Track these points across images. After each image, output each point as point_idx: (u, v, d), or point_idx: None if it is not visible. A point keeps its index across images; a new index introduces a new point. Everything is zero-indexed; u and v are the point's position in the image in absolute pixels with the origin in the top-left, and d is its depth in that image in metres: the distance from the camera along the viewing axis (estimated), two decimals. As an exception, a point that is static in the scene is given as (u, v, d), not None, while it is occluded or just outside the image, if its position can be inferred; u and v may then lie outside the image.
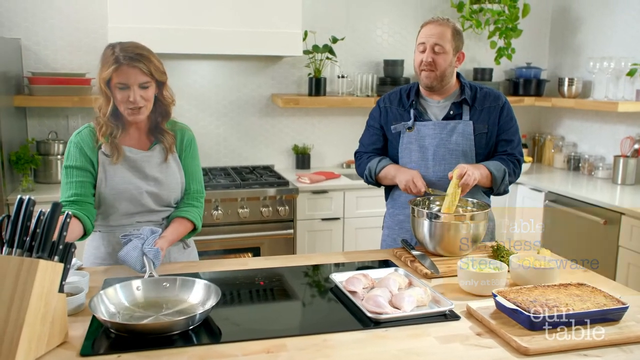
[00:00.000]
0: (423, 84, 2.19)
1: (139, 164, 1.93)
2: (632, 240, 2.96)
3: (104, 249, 1.97)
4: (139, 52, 1.83)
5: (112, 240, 1.95)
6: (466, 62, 4.28)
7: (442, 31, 2.10)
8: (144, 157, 1.94)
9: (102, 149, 1.90)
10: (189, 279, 1.60)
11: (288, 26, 3.45)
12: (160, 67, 1.87)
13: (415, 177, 2.09)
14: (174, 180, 1.98)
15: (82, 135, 1.92)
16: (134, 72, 1.81)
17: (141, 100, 1.83)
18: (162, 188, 1.95)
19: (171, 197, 1.98)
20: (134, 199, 1.91)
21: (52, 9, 3.48)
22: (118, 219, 1.94)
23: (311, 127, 4.09)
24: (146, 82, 1.83)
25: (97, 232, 1.98)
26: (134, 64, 1.80)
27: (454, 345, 1.36)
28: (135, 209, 1.93)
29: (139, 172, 1.93)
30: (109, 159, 1.89)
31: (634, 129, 3.70)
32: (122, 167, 1.91)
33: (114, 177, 1.89)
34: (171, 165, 1.98)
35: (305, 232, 3.50)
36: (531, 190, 3.73)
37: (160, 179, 1.95)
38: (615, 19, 3.82)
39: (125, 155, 1.91)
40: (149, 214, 1.95)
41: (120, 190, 1.89)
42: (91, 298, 1.44)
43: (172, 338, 1.36)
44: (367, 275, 1.71)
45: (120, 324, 1.40)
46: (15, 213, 1.33)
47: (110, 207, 1.91)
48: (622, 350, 1.35)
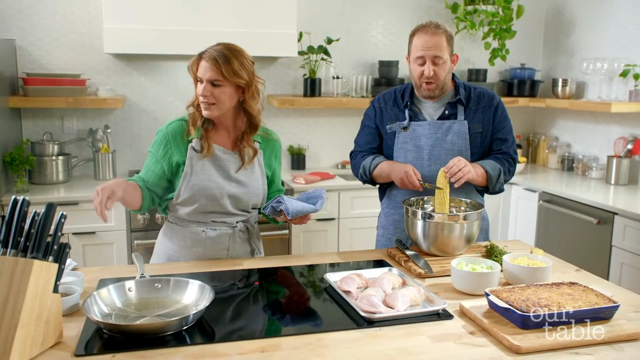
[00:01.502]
0: (423, 95, 2.20)
1: (225, 164, 1.96)
2: (625, 239, 2.98)
3: (177, 242, 2.01)
4: (223, 52, 1.87)
5: (185, 235, 2.00)
6: (461, 63, 4.30)
7: (438, 41, 2.09)
8: (230, 158, 1.98)
9: (193, 143, 1.94)
10: (182, 279, 1.61)
11: (283, 27, 3.46)
12: (241, 73, 1.87)
13: (408, 172, 2.10)
14: (256, 185, 2.01)
15: (171, 127, 1.98)
16: (207, 67, 1.86)
17: (211, 97, 1.87)
18: (243, 191, 1.98)
19: (250, 202, 2.01)
20: (214, 198, 1.95)
21: (47, 9, 3.47)
22: (194, 215, 1.97)
23: (306, 128, 4.10)
24: (216, 80, 1.86)
25: (173, 224, 2.03)
26: (211, 59, 1.85)
27: (447, 344, 1.37)
28: (212, 208, 1.96)
29: (223, 171, 1.96)
30: (197, 154, 1.94)
31: (627, 129, 3.73)
32: (209, 164, 1.95)
33: (199, 173, 1.93)
34: (256, 171, 2.02)
35: (301, 232, 3.50)
36: (525, 190, 3.75)
37: (244, 182, 1.98)
38: (609, 20, 3.85)
39: (214, 153, 1.95)
40: (225, 216, 1.99)
41: (202, 186, 1.93)
42: (84, 299, 1.45)
43: (166, 338, 1.36)
44: (361, 275, 1.71)
45: (113, 324, 1.40)
46: (9, 213, 1.33)
47: (190, 201, 1.95)
48: (613, 348, 1.36)
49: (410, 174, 2.08)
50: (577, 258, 2.87)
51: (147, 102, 3.73)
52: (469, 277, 1.66)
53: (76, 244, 3.09)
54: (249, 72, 1.91)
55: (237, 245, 2.05)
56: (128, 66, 3.67)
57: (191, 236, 2.00)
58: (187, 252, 2.00)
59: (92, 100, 3.39)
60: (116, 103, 3.43)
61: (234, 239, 2.03)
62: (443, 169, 2.02)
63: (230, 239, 2.02)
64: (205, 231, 1.99)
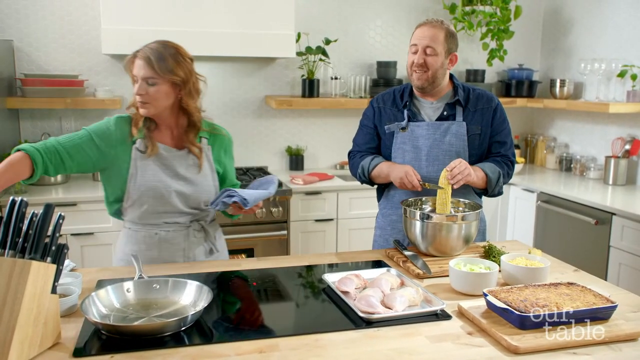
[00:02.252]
0: (414, 85, 2.20)
1: (171, 162, 1.93)
2: (623, 240, 2.99)
3: (131, 246, 1.98)
4: (156, 48, 1.85)
5: (139, 239, 1.97)
6: (458, 64, 4.30)
7: (434, 33, 2.11)
8: (176, 156, 1.95)
9: (137, 144, 1.91)
10: (180, 280, 1.61)
11: (281, 28, 3.46)
12: (176, 70, 1.84)
13: (408, 172, 2.09)
14: (205, 182, 1.98)
15: (120, 124, 1.92)
16: (140, 65, 1.84)
17: (146, 96, 1.84)
18: (191, 189, 1.95)
19: (201, 199, 1.97)
20: (162, 197, 1.91)
21: (45, 10, 3.47)
22: (145, 217, 1.94)
23: (304, 129, 4.10)
24: (150, 78, 1.83)
25: (126, 229, 2.00)
26: (143, 57, 1.84)
27: (445, 344, 1.38)
28: (162, 208, 1.93)
29: (170, 170, 1.93)
30: (142, 154, 1.90)
31: (625, 129, 3.73)
32: (154, 163, 1.91)
33: (145, 174, 1.90)
34: (204, 167, 1.99)
35: (299, 233, 3.50)
36: (523, 190, 3.75)
37: (191, 179, 1.96)
38: (606, 20, 3.85)
39: (159, 152, 1.92)
40: (177, 215, 1.96)
41: (149, 187, 1.90)
42: (83, 300, 1.44)
43: (164, 339, 1.36)
44: (360, 276, 1.71)
45: (112, 325, 1.40)
46: (7, 214, 1.33)
47: (139, 202, 1.92)
48: (611, 348, 1.37)
49: (410, 174, 2.08)
50: (575, 258, 2.87)
51: (145, 103, 3.73)
52: (467, 278, 1.67)
53: (74, 245, 3.09)
54: (186, 70, 1.88)
55: (193, 245, 2.01)
56: (126, 67, 3.66)
57: (144, 239, 1.96)
58: (142, 255, 1.91)
59: (90, 101, 3.39)
60: (114, 104, 3.42)
61: (188, 239, 1.99)
62: (446, 168, 2.02)
63: (185, 239, 1.99)
64: (159, 233, 1.96)
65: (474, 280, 1.66)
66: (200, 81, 1.96)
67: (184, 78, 1.87)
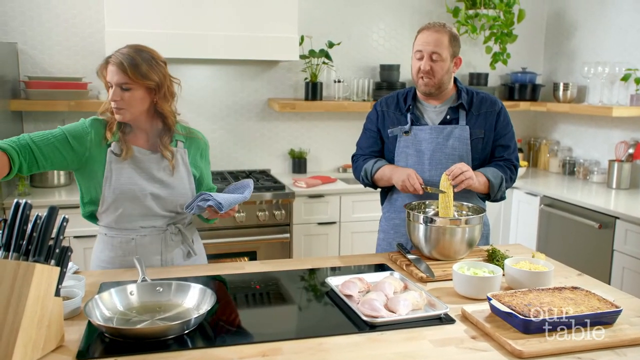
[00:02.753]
0: (421, 91, 2.20)
1: (146, 165, 1.92)
2: (627, 244, 2.98)
3: (108, 253, 1.96)
4: (128, 54, 1.83)
5: (115, 245, 1.95)
6: (462, 67, 4.29)
7: (439, 38, 2.10)
8: (151, 159, 1.93)
9: (112, 147, 1.89)
10: (184, 283, 1.61)
11: (284, 31, 3.47)
12: (150, 74, 1.83)
13: (410, 175, 2.09)
14: (181, 185, 1.97)
15: (96, 126, 1.91)
16: (114, 71, 1.82)
17: (121, 102, 1.83)
18: (167, 192, 1.93)
19: (177, 203, 1.96)
20: (137, 200, 1.90)
21: (49, 13, 3.48)
22: (121, 222, 1.92)
23: (307, 132, 4.10)
24: (125, 84, 1.82)
25: (102, 235, 1.98)
26: (117, 63, 1.81)
27: (449, 348, 1.37)
28: (138, 211, 1.91)
29: (145, 172, 1.92)
30: (116, 157, 1.89)
31: (628, 133, 3.73)
32: (129, 166, 1.90)
33: (120, 177, 1.88)
34: (180, 170, 1.97)
35: (302, 236, 3.50)
36: (526, 194, 3.74)
37: (167, 182, 1.94)
38: (610, 24, 3.85)
39: (134, 154, 1.90)
40: (153, 219, 1.94)
41: (123, 190, 1.88)
42: (86, 302, 1.44)
43: (168, 342, 1.36)
44: (363, 279, 1.71)
45: (115, 328, 1.40)
46: (11, 217, 1.33)
47: (114, 207, 1.90)
48: (616, 353, 1.36)
49: (412, 177, 2.08)
50: (579, 262, 2.87)
51: (148, 106, 3.74)
52: (471, 282, 1.66)
53: (78, 248, 3.09)
54: (160, 74, 1.87)
55: (170, 248, 1.99)
56: (130, 70, 3.67)
57: (121, 245, 1.94)
58: (120, 261, 1.93)
59: (93, 103, 3.39)
60: (118, 106, 3.42)
61: (166, 242, 1.98)
62: (446, 172, 2.02)
63: (162, 243, 1.97)
64: (135, 238, 1.94)
65: (477, 284, 1.65)
66: (174, 84, 1.95)
67: (158, 82, 1.86)
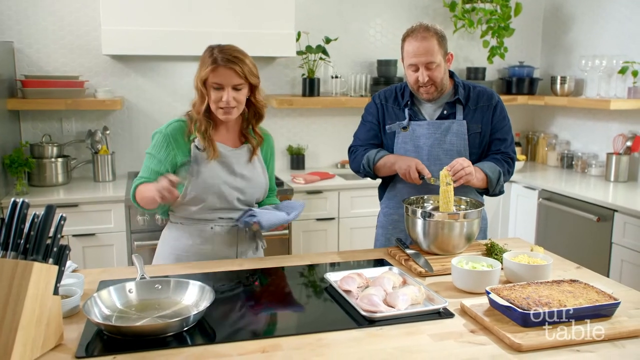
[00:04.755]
0: (423, 98, 2.19)
1: (229, 160, 1.99)
2: (625, 236, 2.98)
3: (185, 241, 2.02)
4: (235, 55, 1.91)
5: (193, 233, 2.01)
6: (459, 62, 4.30)
7: (428, 46, 2.06)
8: (233, 154, 2.01)
9: (196, 142, 1.96)
10: (183, 280, 1.61)
11: (281, 27, 3.46)
12: (254, 71, 1.95)
13: (417, 164, 2.06)
14: (259, 179, 2.06)
15: (171, 128, 1.98)
16: (229, 74, 1.89)
17: (233, 101, 1.91)
18: (248, 185, 2.02)
19: (254, 196, 2.05)
20: (221, 194, 1.97)
21: (45, 12, 3.47)
22: (202, 213, 1.99)
23: (305, 128, 4.10)
24: (239, 84, 1.91)
25: (178, 224, 2.04)
26: (230, 65, 1.88)
27: (448, 342, 1.37)
28: (220, 204, 1.98)
29: (228, 168, 1.99)
30: (201, 152, 1.95)
31: (626, 126, 3.73)
32: (214, 161, 1.97)
33: (205, 172, 1.95)
34: (257, 165, 2.06)
35: (301, 232, 3.50)
36: (525, 188, 3.75)
37: (248, 176, 2.02)
38: (607, 17, 3.85)
39: (218, 151, 1.97)
40: (231, 212, 2.01)
41: (210, 184, 1.95)
42: (85, 301, 1.44)
43: (167, 339, 1.36)
44: (362, 274, 1.71)
45: (114, 326, 1.40)
46: (9, 216, 1.33)
47: (198, 199, 1.96)
48: (615, 345, 1.36)
49: (414, 169, 2.06)
50: (578, 255, 2.87)
51: (145, 104, 3.73)
52: (469, 276, 1.66)
53: (76, 246, 3.09)
54: (256, 68, 1.98)
55: (244, 241, 2.07)
56: (126, 67, 3.66)
57: (200, 234, 2.01)
58: (196, 250, 2.01)
59: (90, 102, 3.39)
60: (115, 104, 3.42)
61: (240, 234, 2.05)
62: (446, 168, 2.00)
63: (237, 234, 2.04)
64: (214, 227, 2.01)
65: (476, 278, 1.65)
66: None
67: (258, 76, 1.97)
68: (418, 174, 2.06)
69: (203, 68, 1.91)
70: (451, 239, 1.94)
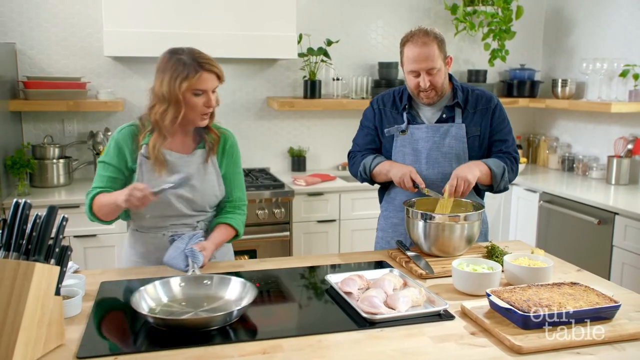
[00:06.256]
0: (424, 103, 2.19)
1: (177, 168, 1.93)
2: (626, 239, 2.98)
3: (139, 248, 2.00)
4: (209, 57, 1.88)
5: (147, 241, 1.98)
6: (460, 64, 4.31)
7: (429, 52, 2.05)
8: (184, 162, 1.94)
9: (142, 150, 1.91)
10: (225, 277, 1.66)
11: (283, 29, 3.47)
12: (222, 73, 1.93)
13: (412, 172, 2.08)
14: (209, 186, 1.98)
15: (123, 134, 1.94)
16: (212, 78, 1.86)
17: (214, 104, 1.90)
18: (196, 194, 1.95)
19: (205, 203, 1.99)
20: (167, 203, 1.91)
21: (47, 13, 3.48)
22: (153, 221, 1.96)
23: (306, 130, 4.11)
24: (216, 87, 1.89)
25: (135, 231, 2.01)
26: (213, 70, 1.86)
27: (448, 344, 1.38)
28: (168, 212, 1.94)
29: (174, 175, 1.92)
30: (147, 160, 1.91)
31: (627, 129, 3.73)
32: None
33: (150, 180, 1.89)
34: (209, 170, 1.99)
35: (301, 234, 3.50)
36: (526, 191, 3.75)
37: (196, 186, 1.95)
38: (608, 20, 3.85)
39: (166, 159, 1.92)
40: (183, 218, 1.97)
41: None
42: (133, 294, 1.49)
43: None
44: (362, 276, 1.71)
45: (160, 318, 1.45)
46: (11, 217, 1.33)
47: (148, 208, 1.90)
48: (615, 348, 1.37)
49: (408, 178, 2.07)
50: (578, 258, 2.87)
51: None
52: (470, 278, 1.67)
53: (77, 247, 3.09)
54: None
55: None
56: (128, 69, 3.67)
57: (153, 241, 1.97)
58: (150, 257, 1.97)
59: (92, 103, 3.40)
60: (116, 106, 3.43)
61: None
62: (449, 189, 2.00)
63: None
64: (166, 235, 1.96)
65: (476, 281, 1.66)
66: None
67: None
68: (412, 182, 2.07)
69: (187, 76, 1.81)
70: (452, 241, 1.94)
